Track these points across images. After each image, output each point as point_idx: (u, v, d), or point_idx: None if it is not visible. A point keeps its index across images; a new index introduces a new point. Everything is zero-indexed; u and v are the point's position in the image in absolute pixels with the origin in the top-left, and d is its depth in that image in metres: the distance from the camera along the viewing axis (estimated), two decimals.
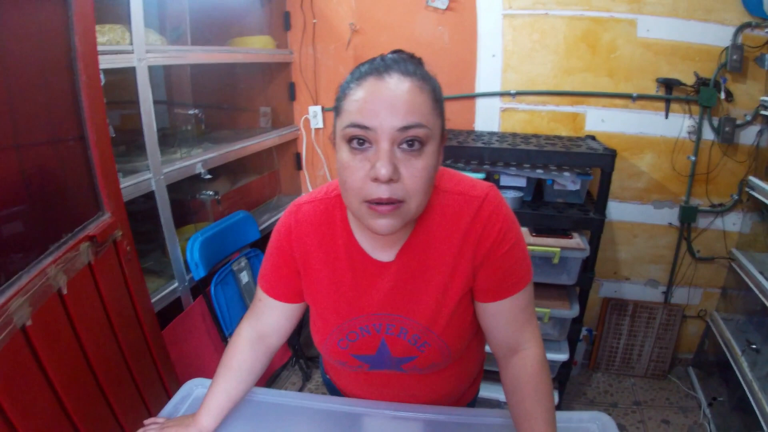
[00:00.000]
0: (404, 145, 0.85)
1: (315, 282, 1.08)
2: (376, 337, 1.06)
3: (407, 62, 0.88)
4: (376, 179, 0.83)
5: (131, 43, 1.82)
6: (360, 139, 0.85)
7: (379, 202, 0.85)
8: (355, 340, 1.07)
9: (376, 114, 0.83)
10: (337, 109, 0.91)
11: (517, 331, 1.04)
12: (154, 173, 1.94)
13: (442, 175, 1.05)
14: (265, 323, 1.17)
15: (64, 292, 1.31)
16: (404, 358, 1.07)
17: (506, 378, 1.05)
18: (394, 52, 0.93)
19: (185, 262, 2.17)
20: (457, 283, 1.01)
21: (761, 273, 2.34)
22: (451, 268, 1.01)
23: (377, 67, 0.87)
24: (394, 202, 0.85)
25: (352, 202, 0.89)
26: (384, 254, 1.03)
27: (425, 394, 1.17)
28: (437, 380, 1.15)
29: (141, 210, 2.02)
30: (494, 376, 1.20)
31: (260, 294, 1.16)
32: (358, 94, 0.85)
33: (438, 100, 0.90)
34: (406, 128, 0.83)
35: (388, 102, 0.83)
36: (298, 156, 3.15)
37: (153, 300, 1.92)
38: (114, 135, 1.65)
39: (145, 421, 1.15)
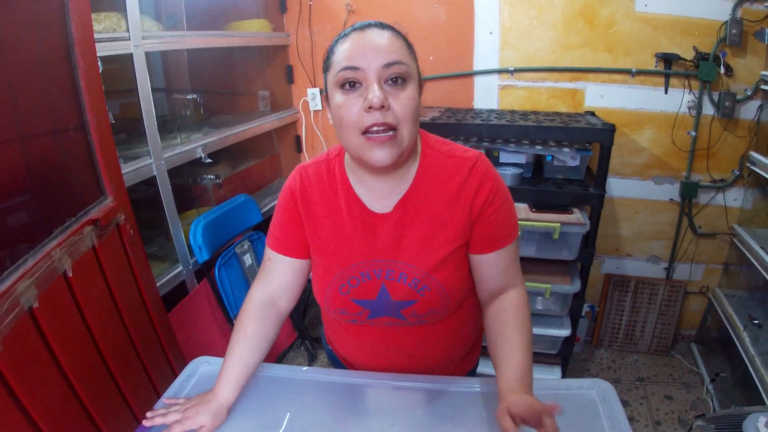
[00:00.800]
0: (390, 82, 0.96)
1: (319, 234, 1.15)
2: (377, 282, 1.12)
3: (382, 22, 1.01)
4: (370, 108, 0.94)
5: (127, 30, 1.83)
6: (351, 81, 0.96)
7: (375, 128, 0.96)
8: (356, 285, 1.13)
9: (363, 55, 0.95)
10: (326, 67, 1.03)
11: (505, 280, 1.15)
12: (154, 158, 1.96)
13: (438, 140, 1.17)
14: (275, 283, 1.22)
15: (70, 274, 1.33)
16: (404, 302, 1.12)
17: (488, 312, 1.15)
18: None
19: (189, 246, 2.19)
20: (453, 232, 1.10)
21: (763, 248, 2.35)
22: (447, 218, 1.10)
23: (358, 25, 1.00)
24: (388, 126, 0.96)
25: (350, 138, 0.99)
26: (382, 206, 1.12)
27: (424, 352, 1.21)
28: (435, 335, 1.20)
29: (144, 197, 2.06)
30: None
31: (269, 254, 1.22)
32: (345, 45, 0.98)
33: (411, 48, 1.03)
34: (389, 65, 0.95)
35: (371, 45, 0.96)
36: (298, 138, 3.15)
37: (158, 284, 1.94)
38: (113, 122, 1.67)
39: (165, 400, 1.16)
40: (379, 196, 1.11)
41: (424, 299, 1.11)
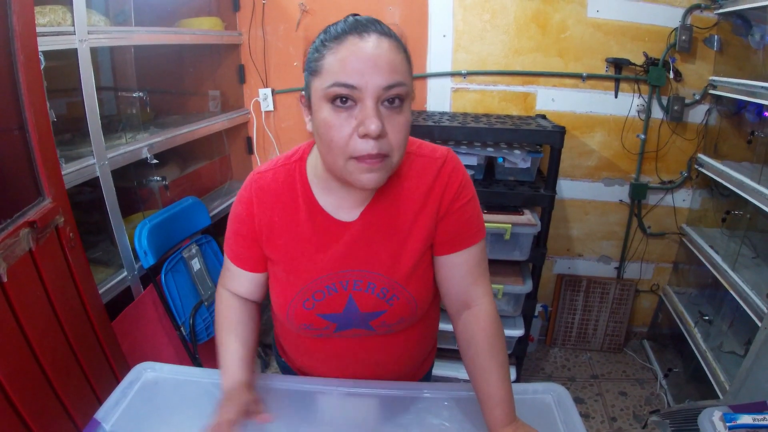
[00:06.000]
0: (386, 103, 0.87)
1: (278, 247, 1.08)
2: (343, 294, 1.07)
3: (381, 23, 0.91)
4: (365, 135, 0.86)
5: (73, 24, 1.75)
6: (343, 98, 0.86)
7: (369, 157, 0.88)
8: (321, 299, 1.07)
9: (361, 73, 0.84)
10: (312, 70, 0.91)
11: (471, 285, 1.08)
12: (97, 158, 1.89)
13: None
14: (239, 290, 1.18)
15: (4, 279, 1.26)
16: (373, 314, 1.08)
17: (459, 333, 1.10)
18: (352, 15, 0.93)
19: (134, 250, 2.12)
20: (420, 236, 1.05)
21: (711, 247, 2.42)
22: (414, 221, 1.05)
23: (354, 26, 0.88)
24: (381, 156, 0.88)
25: (337, 160, 0.90)
26: (346, 214, 1.06)
27: (391, 360, 1.18)
28: (402, 343, 1.16)
29: (87, 199, 1.98)
30: (448, 354, 1.20)
31: (228, 263, 1.17)
32: (340, 54, 0.86)
33: (410, 61, 0.93)
34: (390, 87, 0.86)
35: (372, 62, 0.85)
36: (249, 140, 3.09)
37: (101, 290, 1.86)
38: (55, 120, 1.61)
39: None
40: (348, 204, 1.05)
41: (393, 309, 1.07)
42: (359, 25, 0.88)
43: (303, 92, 0.97)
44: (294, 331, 1.18)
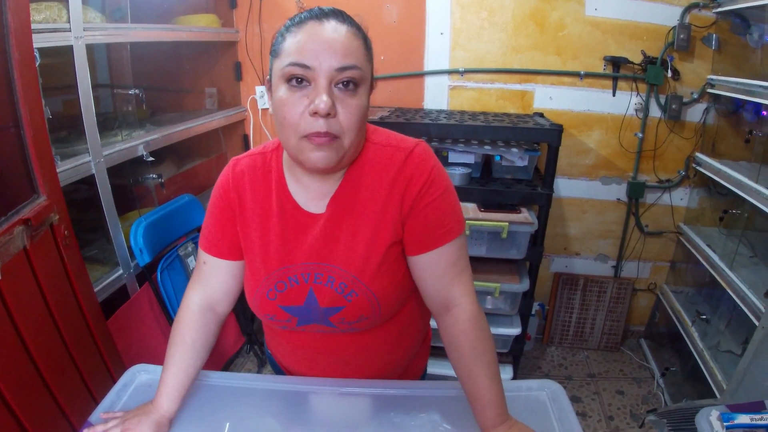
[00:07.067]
0: (340, 85, 0.90)
1: (248, 233, 1.09)
2: (304, 287, 1.06)
3: (343, 13, 0.94)
4: (315, 113, 0.88)
5: (68, 21, 1.75)
6: (299, 78, 0.89)
7: (317, 135, 0.89)
8: (283, 290, 1.06)
9: (315, 54, 0.87)
10: (275, 52, 0.94)
11: (448, 285, 1.05)
12: (93, 156, 1.88)
13: (374, 130, 1.08)
14: (213, 287, 1.15)
15: None
16: (331, 309, 1.06)
17: (443, 336, 1.08)
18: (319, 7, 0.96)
19: (129, 248, 2.11)
20: (385, 232, 1.02)
21: (709, 246, 2.41)
22: (379, 216, 1.02)
23: (316, 13, 0.91)
24: (330, 136, 0.90)
25: (289, 138, 0.92)
26: (315, 206, 1.05)
27: (360, 360, 1.16)
28: (371, 343, 1.14)
29: (83, 197, 1.98)
30: (443, 353, 1.19)
31: (204, 257, 1.14)
32: (298, 37, 0.89)
33: (369, 48, 0.96)
34: (343, 69, 0.88)
35: (327, 44, 0.88)
36: (245, 137, 3.08)
37: (97, 288, 1.86)
38: (50, 117, 1.61)
39: (102, 415, 1.10)
40: (316, 196, 1.04)
41: (352, 305, 1.04)
42: (321, 13, 0.91)
43: (268, 77, 0.99)
44: (264, 322, 1.19)
